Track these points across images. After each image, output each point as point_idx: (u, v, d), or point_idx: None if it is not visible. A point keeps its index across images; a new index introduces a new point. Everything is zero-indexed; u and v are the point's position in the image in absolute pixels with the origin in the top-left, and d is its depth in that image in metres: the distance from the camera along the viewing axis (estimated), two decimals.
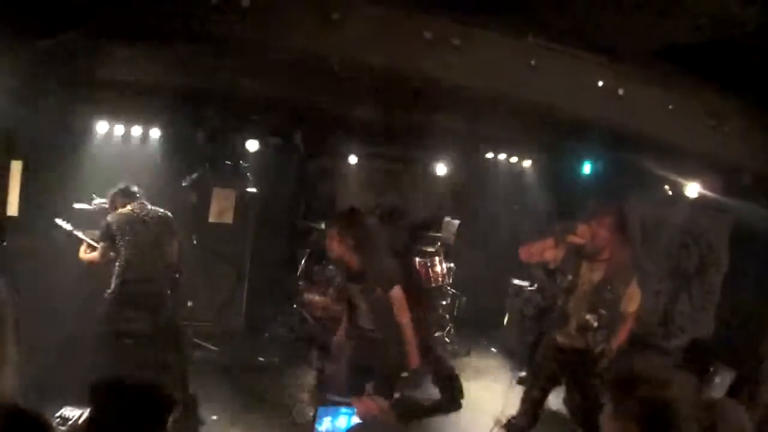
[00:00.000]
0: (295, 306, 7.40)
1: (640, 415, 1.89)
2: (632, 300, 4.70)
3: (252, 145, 7.09)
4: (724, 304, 6.63)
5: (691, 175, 5.97)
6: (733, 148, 5.01)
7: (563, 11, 3.88)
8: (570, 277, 4.69)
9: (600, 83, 4.49)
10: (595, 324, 4.59)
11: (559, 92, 4.51)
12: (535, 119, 5.68)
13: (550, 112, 4.96)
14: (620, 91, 4.52)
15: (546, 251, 4.74)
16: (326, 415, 2.16)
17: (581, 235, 4.55)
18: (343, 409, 2.15)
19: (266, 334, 7.26)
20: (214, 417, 5.33)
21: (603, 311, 4.59)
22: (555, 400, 5.74)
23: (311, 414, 4.33)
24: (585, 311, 4.61)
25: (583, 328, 4.62)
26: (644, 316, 6.97)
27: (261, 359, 6.84)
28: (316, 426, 2.16)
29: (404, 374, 5.03)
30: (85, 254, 5.44)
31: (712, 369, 5.97)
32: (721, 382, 5.87)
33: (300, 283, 7.49)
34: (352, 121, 6.95)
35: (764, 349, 5.73)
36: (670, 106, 4.68)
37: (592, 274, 4.64)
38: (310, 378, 6.53)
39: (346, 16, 3.74)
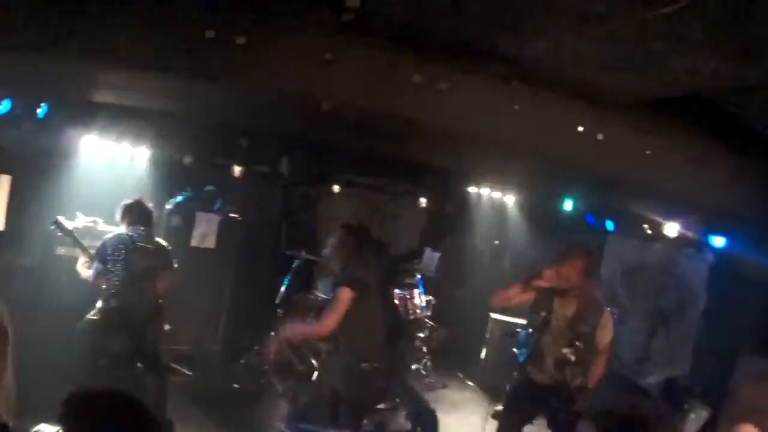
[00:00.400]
0: (273, 334, 7.38)
1: None
2: (606, 331, 4.78)
3: (237, 171, 7.15)
4: (700, 342, 6.75)
5: (671, 215, 6.12)
6: (711, 191, 5.16)
7: (549, 61, 4.00)
8: (543, 314, 4.79)
9: (580, 128, 4.63)
10: (573, 358, 4.65)
11: (540, 135, 4.65)
12: (518, 158, 5.80)
13: (532, 153, 5.10)
14: (600, 136, 4.68)
15: (516, 297, 4.87)
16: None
17: (547, 279, 4.69)
18: None
19: (242, 361, 7.23)
20: None
21: (579, 344, 4.66)
22: None
23: None
24: (561, 346, 4.69)
25: (561, 362, 4.68)
26: (622, 354, 7.11)
27: (236, 386, 6.81)
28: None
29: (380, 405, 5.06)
30: (83, 267, 5.37)
31: (687, 406, 6.06)
32: (696, 418, 5.95)
33: (279, 311, 7.49)
34: (337, 150, 7.05)
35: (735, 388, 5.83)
36: (649, 151, 4.84)
37: (565, 309, 4.74)
38: (283, 407, 6.52)
39: (337, 58, 3.85)
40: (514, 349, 7.76)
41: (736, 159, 4.85)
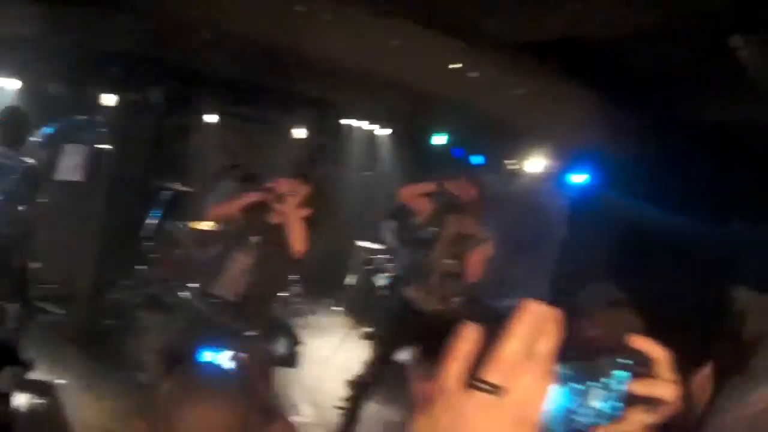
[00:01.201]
0: (142, 268, 7.26)
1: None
2: (487, 248, 5.04)
3: (108, 100, 6.80)
4: (557, 271, 7.30)
5: (535, 152, 6.51)
6: (574, 132, 5.53)
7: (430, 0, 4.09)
8: (436, 229, 4.96)
9: (453, 65, 4.79)
10: (458, 272, 4.91)
11: (416, 71, 4.78)
12: (393, 92, 5.92)
13: (407, 88, 5.23)
14: (474, 74, 4.87)
15: (422, 199, 4.99)
16: (208, 351, 2.16)
17: (459, 187, 4.90)
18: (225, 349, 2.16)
19: (115, 297, 7.05)
20: (62, 381, 5.18)
21: (464, 259, 4.91)
22: None
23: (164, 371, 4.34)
24: (448, 260, 4.92)
25: (446, 276, 4.90)
26: (481, 279, 7.57)
27: (109, 322, 6.62)
28: (198, 359, 2.16)
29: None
30: None
31: None
32: None
33: (148, 244, 7.33)
34: (212, 80, 6.87)
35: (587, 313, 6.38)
36: (517, 91, 5.10)
37: (457, 227, 4.95)
38: (157, 341, 6.46)
39: None
40: (379, 275, 8.20)
41: (598, 103, 5.14)
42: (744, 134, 4.69)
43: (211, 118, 8.29)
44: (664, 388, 0.81)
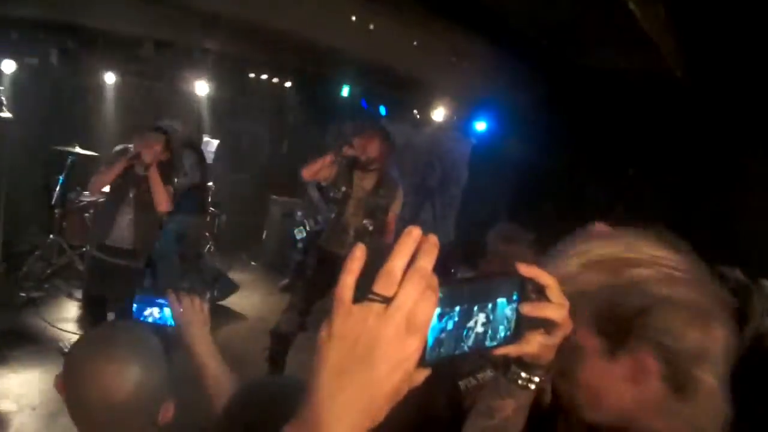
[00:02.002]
0: (52, 236, 7.11)
1: None
2: (398, 203, 5.28)
3: (7, 66, 6.54)
4: (462, 214, 7.60)
5: (438, 102, 6.72)
6: (474, 82, 5.74)
7: None
8: (344, 188, 5.13)
9: (353, 18, 4.88)
10: (371, 228, 5.09)
11: (315, 24, 4.86)
12: (296, 46, 5.95)
13: (310, 41, 5.29)
14: (371, 26, 4.98)
15: (324, 169, 5.08)
16: (147, 306, 2.10)
17: (357, 147, 5.03)
18: (161, 301, 2.12)
19: (24, 269, 6.91)
20: None
21: (377, 216, 5.13)
22: None
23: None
24: (361, 218, 5.11)
25: (361, 233, 5.07)
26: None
27: (22, 294, 6.51)
28: (137, 315, 2.08)
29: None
30: None
31: (453, 270, 6.90)
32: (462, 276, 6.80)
33: (56, 211, 7.17)
34: (111, 38, 6.68)
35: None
36: (415, 43, 5.25)
37: (364, 183, 5.15)
38: (73, 310, 6.42)
39: None
40: (294, 229, 8.32)
41: (496, 54, 5.34)
42: (636, 83, 4.92)
43: (110, 78, 8.05)
44: (555, 309, 0.91)
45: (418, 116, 7.33)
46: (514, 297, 0.85)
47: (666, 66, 4.35)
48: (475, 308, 0.79)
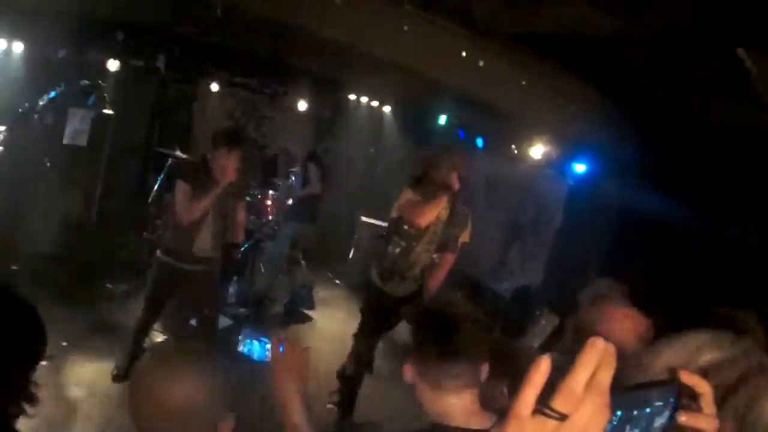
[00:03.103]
0: (145, 234, 7.31)
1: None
2: (467, 233, 4.84)
3: (112, 66, 6.83)
4: (553, 257, 7.38)
5: (537, 140, 6.56)
6: (576, 123, 5.58)
7: None
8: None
9: (463, 53, 4.82)
10: (438, 262, 4.78)
11: (425, 56, 4.82)
12: (400, 74, 5.95)
13: (415, 72, 5.27)
14: (480, 63, 4.90)
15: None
16: (251, 339, 2.17)
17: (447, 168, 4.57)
18: (263, 339, 2.17)
19: (115, 261, 7.12)
20: (64, 343, 5.29)
21: (450, 246, 4.75)
22: None
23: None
24: (432, 251, 4.75)
25: (429, 267, 4.77)
26: (480, 260, 7.69)
27: (109, 286, 6.72)
28: (241, 350, 2.17)
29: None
30: None
31: (539, 312, 6.68)
32: (548, 324, 6.57)
33: (151, 209, 7.38)
34: (217, 49, 6.87)
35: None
36: (524, 82, 5.15)
37: (441, 213, 4.66)
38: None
39: None
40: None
41: (601, 98, 5.20)
42: (743, 138, 4.73)
43: (215, 87, 8.27)
44: (708, 421, 0.91)
45: (515, 151, 7.17)
46: (671, 401, 0.85)
47: None
48: (635, 412, 0.79)
